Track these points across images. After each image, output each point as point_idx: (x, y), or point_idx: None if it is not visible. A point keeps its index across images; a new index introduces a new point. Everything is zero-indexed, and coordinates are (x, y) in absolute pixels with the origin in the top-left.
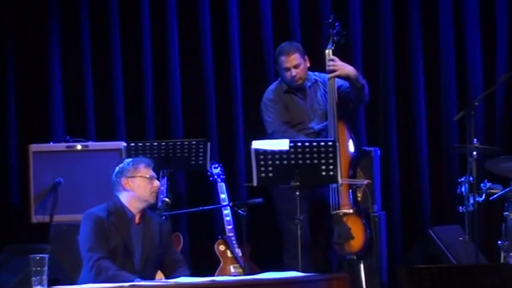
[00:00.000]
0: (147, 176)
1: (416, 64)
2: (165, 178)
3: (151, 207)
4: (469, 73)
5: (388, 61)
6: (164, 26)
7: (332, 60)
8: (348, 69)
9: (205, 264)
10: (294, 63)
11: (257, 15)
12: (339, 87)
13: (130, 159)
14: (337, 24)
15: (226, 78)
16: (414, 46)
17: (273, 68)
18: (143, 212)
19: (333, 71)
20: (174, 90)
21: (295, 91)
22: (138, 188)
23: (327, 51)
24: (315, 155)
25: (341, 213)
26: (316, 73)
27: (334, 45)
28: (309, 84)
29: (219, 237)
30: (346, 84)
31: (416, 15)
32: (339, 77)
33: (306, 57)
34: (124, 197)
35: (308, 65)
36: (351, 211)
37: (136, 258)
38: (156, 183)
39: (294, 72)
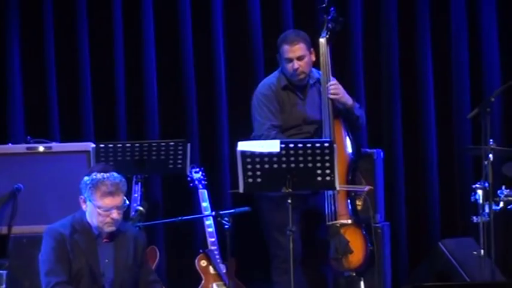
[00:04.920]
0: (100, 208)
1: (424, 54)
2: (139, 184)
3: (123, 217)
4: (485, 65)
5: (393, 51)
6: (138, 13)
7: (335, 84)
8: (346, 98)
9: (185, 281)
10: (298, 54)
11: (243, 2)
12: None
13: (95, 173)
14: (332, 9)
15: (208, 71)
16: (422, 34)
17: (262, 60)
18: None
19: (334, 94)
20: (149, 84)
21: (294, 88)
22: (90, 214)
23: (320, 40)
24: (309, 158)
25: (338, 224)
26: (320, 71)
27: (328, 33)
28: (311, 82)
29: (201, 251)
30: None
31: (424, 0)
32: (334, 102)
33: (312, 50)
34: (87, 214)
35: (313, 59)
36: (350, 222)
37: (108, 281)
38: (113, 215)
39: (296, 64)
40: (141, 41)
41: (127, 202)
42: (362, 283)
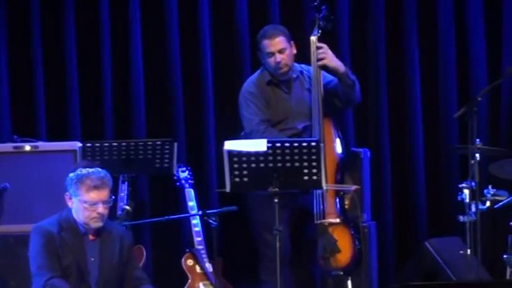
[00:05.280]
0: (86, 203)
1: (411, 53)
2: (126, 183)
3: (110, 216)
4: (472, 64)
5: (379, 50)
6: (126, 13)
7: (320, 47)
8: (336, 62)
9: (172, 281)
10: (279, 47)
11: (230, 2)
12: (327, 83)
13: (80, 169)
14: (323, 7)
15: (195, 70)
16: (409, 33)
17: (249, 58)
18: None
19: (321, 59)
20: (136, 83)
21: (278, 83)
22: (76, 211)
23: (312, 38)
24: (296, 157)
25: (326, 223)
26: (303, 65)
27: (320, 31)
28: (294, 75)
29: (187, 250)
30: (335, 80)
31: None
32: (325, 69)
33: (292, 42)
34: (73, 211)
35: (294, 51)
36: (338, 221)
37: (93, 279)
38: (99, 210)
39: (278, 57)
40: (128, 41)
41: (113, 197)
42: (349, 282)
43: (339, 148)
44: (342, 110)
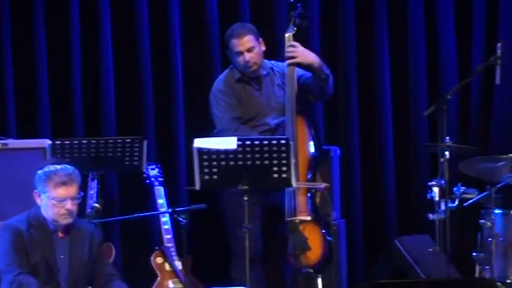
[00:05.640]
0: (54, 199)
1: (381, 51)
2: (95, 181)
3: (79, 214)
4: (442, 62)
5: (349, 48)
6: (95, 11)
7: (292, 45)
8: (311, 57)
9: (141, 279)
10: (247, 46)
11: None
12: (299, 78)
13: (48, 166)
14: (299, 5)
15: (165, 68)
16: (379, 32)
17: (219, 56)
18: (68, 224)
19: (293, 58)
20: (106, 81)
21: (249, 80)
22: (45, 208)
23: (286, 35)
24: (266, 155)
25: (297, 221)
26: (273, 61)
27: (295, 29)
28: (264, 72)
29: (156, 248)
30: (307, 74)
31: None
32: (300, 65)
33: (260, 40)
34: (42, 209)
35: (263, 48)
36: (309, 218)
37: (63, 277)
38: (68, 206)
39: (247, 56)
40: (97, 38)
41: (82, 193)
42: (319, 280)
43: (311, 147)
44: (314, 102)
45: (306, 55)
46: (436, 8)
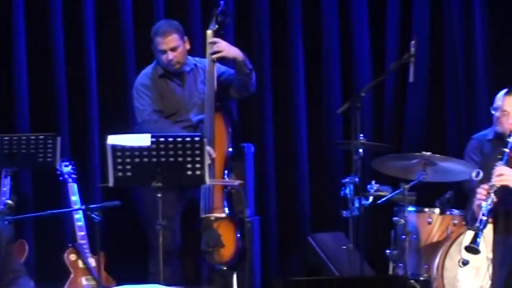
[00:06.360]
0: None
1: (295, 50)
2: (9, 178)
3: None
4: (355, 60)
5: (264, 46)
6: (8, 5)
7: (215, 42)
8: (235, 51)
9: (54, 276)
10: (171, 45)
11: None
12: (221, 74)
13: None
14: (221, 2)
15: (78, 64)
16: (293, 30)
17: (133, 56)
18: None
19: (217, 53)
20: (18, 78)
21: (172, 76)
22: None
23: (208, 31)
24: (180, 152)
25: (212, 218)
26: (197, 58)
27: (217, 26)
28: (188, 69)
29: (70, 245)
30: (230, 71)
31: None
32: (223, 60)
33: (185, 38)
34: None
35: (188, 47)
36: (224, 215)
37: None
38: None
39: (170, 55)
40: (10, 35)
41: None
42: (234, 276)
43: (228, 143)
44: (237, 99)
45: (230, 49)
46: (350, 7)
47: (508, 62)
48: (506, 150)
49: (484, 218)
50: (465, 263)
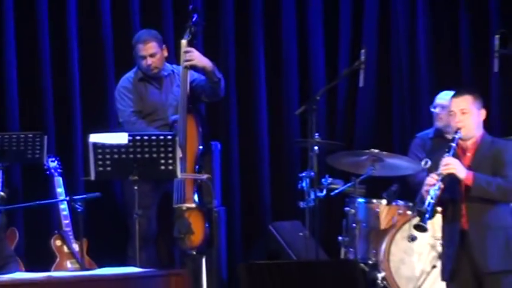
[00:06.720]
0: None
1: (257, 57)
2: (1, 172)
3: None
4: (311, 66)
5: (229, 53)
6: None
7: (188, 51)
8: (205, 61)
9: (42, 259)
10: (150, 51)
11: (95, 7)
12: (193, 80)
13: None
14: (195, 15)
15: (63, 70)
16: (256, 38)
17: (112, 60)
18: None
19: (189, 61)
20: (9, 81)
21: (150, 80)
22: None
23: (182, 41)
24: (154, 149)
25: (184, 208)
26: (175, 65)
27: (190, 36)
28: (165, 74)
29: (56, 232)
30: (202, 78)
31: (258, 6)
32: (195, 68)
33: (164, 46)
34: None
35: (166, 54)
36: (194, 206)
37: None
38: None
39: (149, 61)
40: (2, 38)
41: None
42: (203, 261)
43: (199, 141)
44: (208, 102)
45: (201, 59)
46: (307, 20)
47: (444, 68)
48: (453, 144)
49: (432, 201)
50: (413, 238)
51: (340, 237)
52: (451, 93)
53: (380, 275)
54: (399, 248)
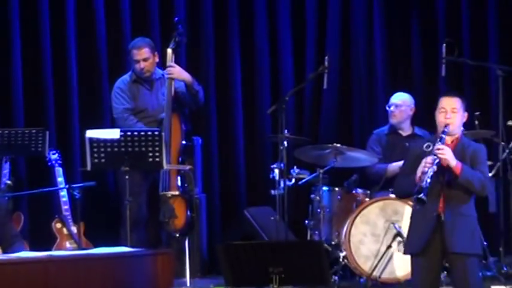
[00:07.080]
0: None
1: (234, 63)
2: (8, 163)
3: None
4: (282, 71)
5: (209, 60)
6: (5, 13)
7: (171, 66)
8: (185, 75)
9: (44, 240)
10: (144, 56)
11: (91, 17)
12: (178, 87)
13: None
14: (179, 26)
15: (63, 73)
16: (232, 47)
17: (105, 64)
18: None
19: (171, 74)
20: (15, 82)
21: (143, 82)
22: None
23: (168, 50)
24: (143, 143)
25: (169, 195)
26: (165, 70)
27: (175, 45)
28: (156, 77)
29: (56, 216)
30: (184, 86)
31: (235, 20)
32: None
33: (156, 53)
34: None
35: (157, 60)
36: (177, 193)
37: None
38: None
39: (142, 64)
40: (8, 41)
41: None
42: (186, 242)
43: (182, 137)
44: (188, 108)
45: (181, 74)
46: (278, 31)
47: (398, 72)
48: (443, 136)
49: (429, 180)
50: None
51: (306, 221)
52: (404, 93)
53: (342, 254)
54: (358, 230)
